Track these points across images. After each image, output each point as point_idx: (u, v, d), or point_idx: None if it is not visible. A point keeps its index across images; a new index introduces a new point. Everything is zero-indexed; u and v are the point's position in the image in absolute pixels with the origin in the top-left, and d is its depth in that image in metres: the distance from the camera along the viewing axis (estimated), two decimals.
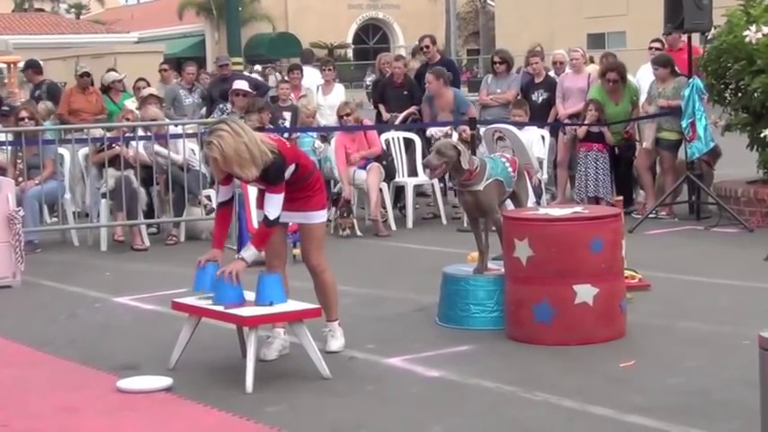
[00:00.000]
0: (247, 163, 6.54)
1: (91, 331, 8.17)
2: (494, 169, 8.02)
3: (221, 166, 6.60)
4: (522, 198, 8.41)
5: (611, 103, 13.19)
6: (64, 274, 10.57)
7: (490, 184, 7.95)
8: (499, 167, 8.10)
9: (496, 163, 8.16)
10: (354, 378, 6.65)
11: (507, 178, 8.13)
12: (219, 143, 6.52)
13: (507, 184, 8.13)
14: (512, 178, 8.18)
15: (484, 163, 8.04)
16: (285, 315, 6.58)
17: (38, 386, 6.70)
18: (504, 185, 8.10)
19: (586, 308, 7.18)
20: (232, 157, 6.51)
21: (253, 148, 6.55)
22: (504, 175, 8.09)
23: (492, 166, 8.05)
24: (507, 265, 7.54)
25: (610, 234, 7.34)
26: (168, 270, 10.63)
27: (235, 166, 6.55)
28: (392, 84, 14.72)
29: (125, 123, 12.86)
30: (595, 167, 12.94)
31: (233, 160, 6.52)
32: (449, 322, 7.86)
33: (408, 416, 5.90)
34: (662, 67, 12.99)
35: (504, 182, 8.08)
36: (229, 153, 6.50)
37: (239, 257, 6.73)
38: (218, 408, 6.09)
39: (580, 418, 5.77)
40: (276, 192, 6.71)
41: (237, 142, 6.51)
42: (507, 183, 8.13)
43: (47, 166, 12.33)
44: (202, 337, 7.10)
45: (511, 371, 6.69)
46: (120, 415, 6.08)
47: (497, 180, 8.01)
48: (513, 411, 5.91)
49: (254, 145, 6.56)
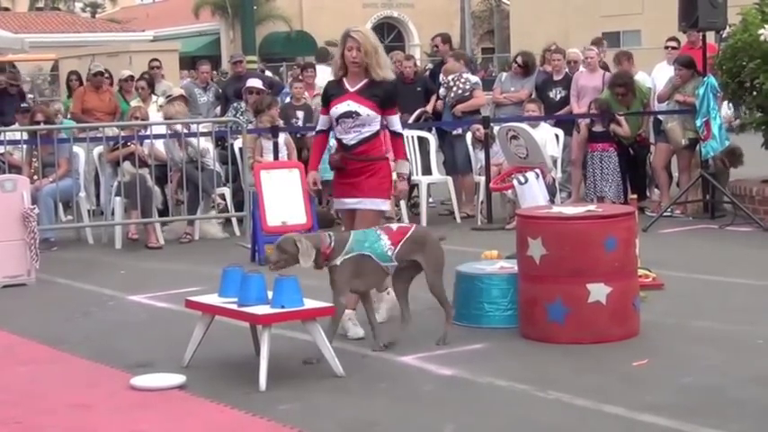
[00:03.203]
0: (382, 63, 7.62)
1: (105, 329, 8.19)
2: (358, 242, 7.03)
3: (360, 55, 7.54)
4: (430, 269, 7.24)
5: (622, 109, 13.18)
6: (78, 272, 10.59)
7: (349, 260, 6.97)
8: (369, 241, 7.07)
9: (367, 236, 7.12)
10: (368, 376, 6.64)
11: (380, 254, 7.05)
12: (365, 34, 7.62)
13: (382, 260, 7.06)
14: (389, 254, 7.07)
15: (343, 238, 7.07)
16: (299, 313, 6.58)
17: (52, 383, 6.72)
18: (375, 262, 7.05)
19: (600, 306, 7.17)
20: (371, 51, 7.55)
21: (386, 57, 7.75)
22: (374, 249, 7.04)
23: (356, 239, 7.07)
24: (521, 264, 7.53)
25: (623, 233, 7.32)
26: (182, 268, 10.65)
27: (371, 59, 7.55)
28: (403, 81, 14.70)
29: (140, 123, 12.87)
30: (601, 167, 12.90)
31: (371, 53, 7.55)
32: (462, 320, 7.85)
33: (421, 414, 5.90)
34: (685, 68, 12.94)
35: (374, 257, 7.04)
36: (370, 47, 7.55)
37: (401, 175, 7.82)
38: (231, 406, 6.10)
39: (593, 416, 5.77)
40: (395, 113, 7.77)
41: (377, 42, 7.63)
42: (382, 258, 7.06)
43: (62, 164, 12.36)
44: (216, 335, 7.11)
45: (524, 369, 6.68)
46: (133, 412, 6.09)
47: (362, 255, 7.01)
48: (526, 410, 5.90)
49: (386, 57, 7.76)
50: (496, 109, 14.69)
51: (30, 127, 12.58)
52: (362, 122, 7.64)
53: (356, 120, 7.64)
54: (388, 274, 7.19)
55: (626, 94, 13.16)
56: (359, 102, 7.64)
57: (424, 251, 7.23)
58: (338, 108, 7.69)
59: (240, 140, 12.80)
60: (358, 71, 7.65)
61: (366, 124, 7.65)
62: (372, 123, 7.67)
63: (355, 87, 7.68)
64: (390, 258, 7.09)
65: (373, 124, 7.67)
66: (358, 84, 7.67)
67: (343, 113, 7.67)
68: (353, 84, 7.69)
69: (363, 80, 7.66)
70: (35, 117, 12.75)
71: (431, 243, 7.30)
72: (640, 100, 13.39)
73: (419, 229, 7.43)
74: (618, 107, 13.13)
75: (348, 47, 7.58)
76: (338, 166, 7.78)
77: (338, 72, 7.76)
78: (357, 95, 7.65)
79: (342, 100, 7.69)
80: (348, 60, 7.61)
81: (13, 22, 48.11)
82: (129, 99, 15.42)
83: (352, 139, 7.69)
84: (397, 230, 7.24)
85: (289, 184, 10.99)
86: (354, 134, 7.67)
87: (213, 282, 7.35)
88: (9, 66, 20.78)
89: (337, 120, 7.72)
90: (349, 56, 7.58)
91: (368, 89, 7.64)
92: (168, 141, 12.48)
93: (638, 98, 13.36)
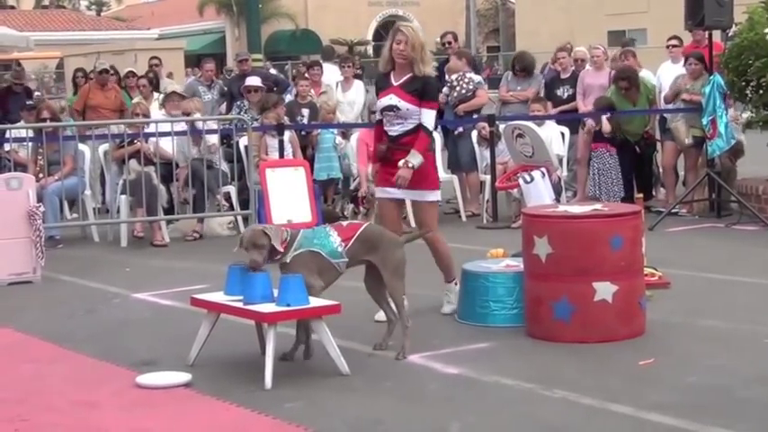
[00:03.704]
0: (426, 60, 7.86)
1: (110, 327, 8.19)
2: (307, 239, 6.92)
3: (408, 49, 7.77)
4: (386, 270, 7.05)
5: (628, 105, 13.14)
6: (84, 270, 10.60)
7: (299, 256, 6.85)
8: (318, 238, 6.96)
9: (316, 233, 7.05)
10: (373, 375, 6.64)
11: (331, 251, 6.92)
12: (414, 29, 7.87)
13: (333, 257, 6.92)
14: (339, 250, 6.94)
15: (293, 234, 6.94)
16: (304, 312, 6.57)
17: (57, 381, 6.72)
18: (324, 258, 6.90)
19: (606, 305, 7.16)
20: (417, 47, 7.78)
21: (430, 55, 8.01)
22: (324, 246, 6.92)
23: (305, 235, 6.96)
24: (526, 262, 7.52)
25: (630, 231, 7.31)
26: (188, 266, 10.65)
27: (417, 55, 7.77)
28: None
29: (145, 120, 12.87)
30: (598, 168, 12.86)
31: (417, 48, 7.78)
32: (468, 319, 7.85)
33: (427, 413, 5.89)
34: (701, 63, 12.89)
35: (324, 254, 6.90)
36: (417, 43, 7.78)
37: (407, 163, 7.73)
38: (236, 404, 6.09)
39: (599, 415, 5.76)
40: (432, 107, 7.91)
41: (423, 40, 7.86)
42: (332, 255, 6.92)
43: (67, 162, 12.36)
44: (221, 333, 7.11)
45: (530, 368, 6.68)
46: (138, 410, 6.09)
47: (311, 252, 6.88)
48: (532, 408, 5.90)
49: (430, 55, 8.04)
50: (503, 107, 14.66)
51: (35, 124, 12.58)
52: (403, 116, 7.86)
53: (397, 113, 7.87)
54: (340, 272, 6.99)
55: (629, 88, 13.12)
56: (400, 96, 7.85)
57: (377, 251, 7.04)
58: (382, 101, 7.98)
59: (245, 138, 12.79)
60: (404, 65, 7.88)
61: (408, 117, 7.86)
62: (414, 116, 7.85)
63: (399, 81, 7.91)
64: (341, 255, 6.94)
65: (415, 117, 7.86)
66: (402, 78, 7.90)
67: (385, 106, 7.93)
68: (398, 78, 7.92)
69: (407, 75, 7.88)
70: (41, 114, 12.75)
71: (386, 243, 7.08)
72: (646, 96, 13.36)
73: (371, 228, 7.24)
74: (624, 103, 13.09)
75: (397, 40, 7.82)
76: (384, 157, 8.00)
77: (386, 66, 7.99)
78: (400, 89, 7.87)
79: (386, 93, 7.95)
80: (395, 53, 7.84)
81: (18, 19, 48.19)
82: (134, 96, 15.43)
83: (396, 131, 7.92)
84: (348, 227, 7.13)
85: (294, 183, 10.99)
86: (398, 126, 7.90)
87: (219, 280, 7.35)
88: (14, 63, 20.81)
89: (382, 112, 7.99)
90: (397, 49, 7.82)
91: (410, 83, 7.86)
92: (182, 138, 12.45)
93: (644, 94, 13.33)
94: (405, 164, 7.79)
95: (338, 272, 7.01)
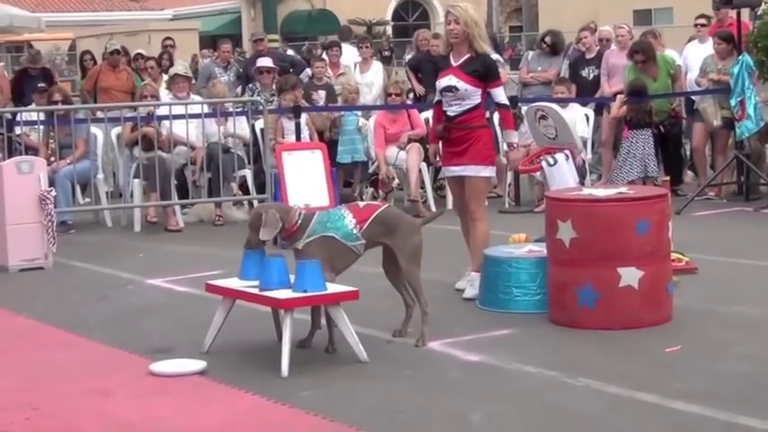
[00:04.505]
0: (482, 36, 8.11)
1: (123, 313, 8.20)
2: (320, 224, 6.85)
3: (459, 28, 8.03)
4: (403, 255, 6.98)
5: (648, 80, 13.04)
6: (96, 256, 10.62)
7: (311, 243, 6.81)
8: (332, 221, 6.88)
9: (330, 216, 6.96)
10: (392, 362, 6.63)
11: (346, 233, 6.85)
12: (464, 8, 8.08)
13: (348, 240, 6.86)
14: (354, 233, 6.87)
15: (307, 218, 6.87)
16: (322, 298, 6.57)
17: (69, 369, 6.74)
18: (338, 242, 6.85)
19: (631, 291, 7.14)
20: (471, 24, 8.02)
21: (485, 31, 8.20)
22: (339, 229, 6.85)
23: (319, 220, 6.88)
24: (550, 247, 7.50)
25: (656, 215, 7.28)
26: (202, 252, 10.66)
27: (472, 31, 8.02)
28: (430, 60, 14.64)
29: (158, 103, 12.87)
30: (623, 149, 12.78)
31: (471, 25, 8.02)
32: (490, 305, 7.84)
33: (447, 401, 5.88)
34: (725, 42, 12.83)
35: (339, 237, 6.85)
36: (470, 20, 8.02)
37: (511, 145, 8.46)
38: (252, 392, 6.10)
39: (624, 404, 5.74)
40: (499, 85, 8.22)
41: (478, 15, 8.16)
42: (347, 238, 6.85)
43: (79, 145, 12.38)
44: (237, 319, 7.11)
45: (553, 355, 6.67)
46: (152, 398, 6.10)
47: (325, 237, 6.82)
48: (556, 397, 5.88)
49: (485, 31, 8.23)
50: (524, 89, 14.62)
51: (47, 107, 12.60)
52: (462, 96, 8.16)
53: (456, 94, 8.16)
54: (358, 254, 6.95)
55: (646, 60, 13.02)
56: (459, 76, 8.13)
57: (394, 235, 6.96)
58: (441, 82, 8.26)
59: (261, 121, 12.78)
60: (460, 45, 8.16)
61: (466, 98, 8.16)
62: (472, 97, 8.15)
63: (458, 62, 8.19)
64: (357, 237, 6.86)
65: (473, 98, 8.15)
66: (461, 58, 8.18)
67: (444, 87, 8.23)
68: (457, 58, 8.21)
69: (466, 55, 8.16)
70: (52, 97, 12.76)
71: (404, 226, 7.01)
72: (666, 70, 13.26)
73: (389, 210, 7.17)
74: (644, 79, 12.98)
75: (447, 21, 8.16)
76: (443, 136, 8.34)
77: (446, 48, 8.41)
78: (458, 70, 8.16)
79: (445, 74, 8.24)
80: (449, 35, 8.20)
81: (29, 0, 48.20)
82: (145, 78, 15.43)
83: (454, 111, 8.22)
84: (364, 208, 7.04)
85: (311, 166, 10.97)
86: (456, 106, 8.20)
87: (234, 265, 7.36)
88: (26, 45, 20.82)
89: (441, 92, 8.29)
90: (448, 29, 8.15)
91: (469, 64, 8.14)
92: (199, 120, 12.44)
93: (664, 68, 13.23)
94: (510, 147, 8.52)
95: (356, 254, 6.96)
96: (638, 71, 13.04)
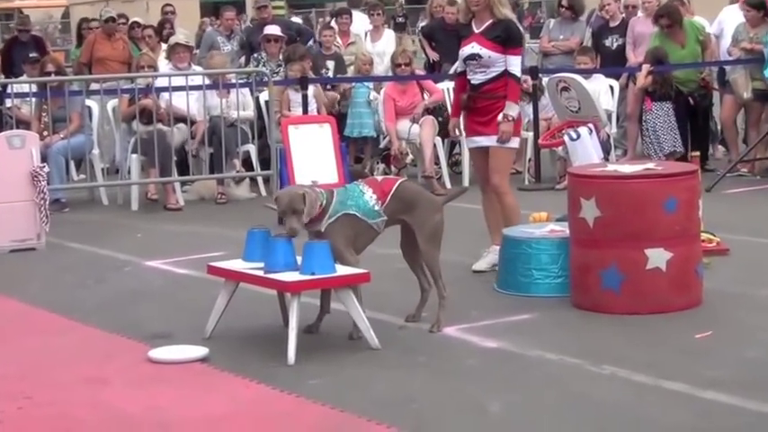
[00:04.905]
0: (503, 2, 8.22)
1: (121, 297, 8.22)
2: (341, 203, 6.78)
3: None
4: (422, 233, 6.94)
5: (675, 47, 12.98)
6: (92, 236, 10.63)
7: (334, 224, 6.75)
8: (352, 198, 6.82)
9: (349, 192, 6.88)
10: (405, 349, 6.64)
11: (367, 210, 6.79)
12: None
13: (369, 217, 6.81)
14: (376, 209, 6.82)
15: (329, 197, 6.77)
16: (331, 280, 6.57)
17: (63, 355, 6.75)
18: (361, 220, 6.81)
19: (659, 273, 7.13)
20: None
21: None
22: (359, 206, 6.79)
23: (339, 198, 6.79)
24: (572, 227, 7.49)
25: (685, 193, 7.27)
26: (204, 231, 10.67)
27: None
28: (444, 27, 14.61)
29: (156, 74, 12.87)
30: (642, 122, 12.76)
31: None
32: (509, 289, 7.84)
33: (464, 390, 5.88)
34: (754, 9, 12.78)
35: (360, 215, 6.80)
36: None
37: (507, 116, 8.21)
38: (256, 380, 6.10)
39: (651, 393, 5.74)
40: (517, 53, 8.26)
41: None
42: (369, 215, 6.80)
43: (73, 119, 12.39)
44: (240, 304, 7.12)
45: (576, 342, 6.67)
46: (151, 387, 6.11)
47: (347, 215, 6.77)
48: (579, 386, 5.88)
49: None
50: (544, 59, 14.58)
51: (39, 78, 12.60)
52: (486, 64, 8.29)
53: (479, 62, 8.30)
54: (378, 232, 6.92)
55: (672, 25, 12.97)
56: (482, 44, 8.27)
57: (413, 212, 6.93)
58: (464, 50, 8.39)
59: (266, 93, 12.77)
60: (482, 12, 8.29)
61: (490, 65, 8.29)
62: (496, 64, 8.28)
63: (480, 29, 8.34)
64: (378, 213, 6.83)
65: (497, 65, 8.28)
66: (483, 25, 8.33)
67: (467, 56, 8.37)
68: (479, 25, 8.36)
69: (488, 21, 8.31)
70: (45, 68, 12.76)
71: (424, 203, 6.98)
72: (695, 37, 13.20)
73: (408, 185, 7.14)
74: (670, 45, 12.92)
75: None
76: (467, 106, 8.48)
77: (465, 16, 8.47)
78: (481, 37, 8.30)
79: (468, 42, 8.38)
80: (469, 3, 8.31)
81: None
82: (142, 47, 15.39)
83: (478, 80, 8.36)
84: (383, 182, 7.01)
85: (319, 140, 10.97)
86: (480, 75, 8.34)
87: (237, 246, 7.36)
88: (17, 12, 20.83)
89: (464, 61, 8.44)
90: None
91: (491, 30, 8.29)
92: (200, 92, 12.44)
93: (692, 34, 13.17)
94: (504, 118, 8.28)
95: (376, 232, 6.92)
96: (663, 37, 13.00)
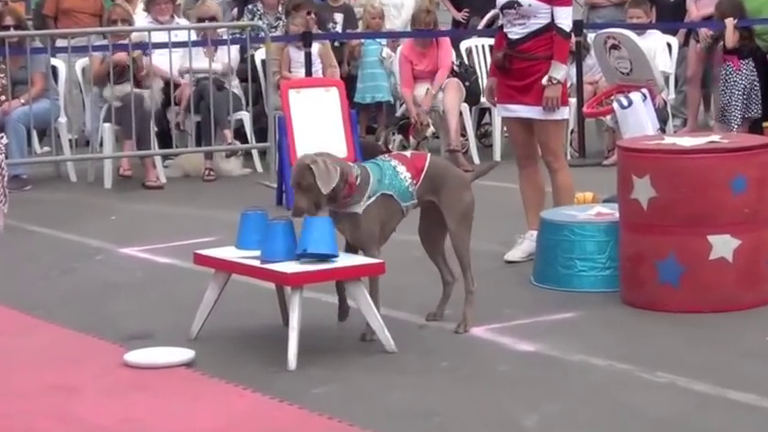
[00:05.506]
0: None
1: (92, 290, 8.25)
2: (379, 182, 6.72)
3: None
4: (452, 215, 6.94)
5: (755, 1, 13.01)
6: (58, 218, 10.67)
7: (371, 206, 6.71)
8: (387, 176, 6.77)
9: (383, 170, 6.80)
10: (426, 352, 6.66)
11: (402, 191, 6.80)
12: None
13: (403, 199, 6.80)
14: (410, 191, 6.83)
15: (365, 173, 6.74)
16: (338, 272, 6.58)
17: (26, 359, 6.77)
18: (396, 202, 6.79)
19: (724, 264, 7.15)
20: None
21: None
22: (395, 186, 6.77)
23: (376, 178, 6.73)
24: (623, 210, 7.51)
25: (756, 170, 7.27)
26: (190, 213, 10.71)
27: None
28: None
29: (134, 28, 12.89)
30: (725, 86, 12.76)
31: None
32: (547, 282, 7.86)
33: (495, 400, 5.90)
34: None
35: (396, 196, 6.78)
36: None
37: (552, 79, 8.11)
38: (251, 388, 6.13)
39: (714, 404, 5.75)
40: (566, 4, 8.25)
41: None
42: (403, 197, 6.80)
43: (36, 81, 12.41)
44: (233, 299, 7.15)
45: (626, 345, 6.69)
46: (128, 396, 6.13)
47: (384, 195, 6.75)
48: (630, 396, 5.90)
49: None
50: (591, 11, 14.58)
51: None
52: (526, 13, 8.23)
53: (518, 10, 8.24)
54: (404, 216, 6.91)
55: None
56: None
57: (441, 191, 6.94)
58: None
59: (262, 51, 12.79)
60: None
61: (531, 16, 8.22)
62: (538, 15, 8.22)
63: None
64: (411, 195, 6.83)
65: (540, 15, 8.23)
66: None
67: (505, 4, 8.31)
68: None
69: None
70: (2, 21, 12.78)
71: (453, 181, 6.99)
72: None
73: (437, 161, 7.16)
74: None
75: None
76: (501, 65, 8.40)
77: None
78: None
79: None
80: None
81: None
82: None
83: (516, 33, 8.30)
84: (414, 158, 6.99)
85: (325, 107, 10.98)
86: (519, 27, 8.29)
87: (229, 230, 7.40)
88: None
89: (502, 11, 8.41)
90: None
91: None
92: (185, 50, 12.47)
93: None
94: (549, 80, 8.22)
95: (402, 217, 6.91)
96: None
